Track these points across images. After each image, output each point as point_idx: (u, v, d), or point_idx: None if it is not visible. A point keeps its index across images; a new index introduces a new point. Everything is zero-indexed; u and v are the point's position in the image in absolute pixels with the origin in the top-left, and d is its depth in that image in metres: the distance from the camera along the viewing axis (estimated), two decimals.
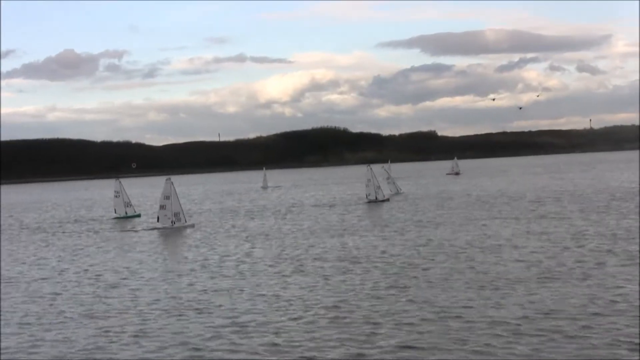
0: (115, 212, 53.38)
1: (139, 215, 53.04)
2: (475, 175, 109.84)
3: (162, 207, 41.34)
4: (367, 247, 28.49)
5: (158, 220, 41.44)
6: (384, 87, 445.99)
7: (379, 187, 57.58)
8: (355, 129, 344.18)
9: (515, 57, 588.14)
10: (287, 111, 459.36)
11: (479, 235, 30.76)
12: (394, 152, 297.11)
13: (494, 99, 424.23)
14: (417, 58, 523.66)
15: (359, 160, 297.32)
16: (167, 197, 40.88)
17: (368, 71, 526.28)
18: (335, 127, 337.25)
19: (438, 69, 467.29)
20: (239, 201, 69.09)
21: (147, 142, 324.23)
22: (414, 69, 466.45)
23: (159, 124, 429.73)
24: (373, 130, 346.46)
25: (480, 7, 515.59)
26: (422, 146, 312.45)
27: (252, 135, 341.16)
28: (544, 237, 29.02)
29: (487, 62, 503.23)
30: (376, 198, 56.51)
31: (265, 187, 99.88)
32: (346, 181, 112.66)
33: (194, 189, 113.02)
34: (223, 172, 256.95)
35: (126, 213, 52.49)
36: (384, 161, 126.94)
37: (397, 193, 66.92)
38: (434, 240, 29.73)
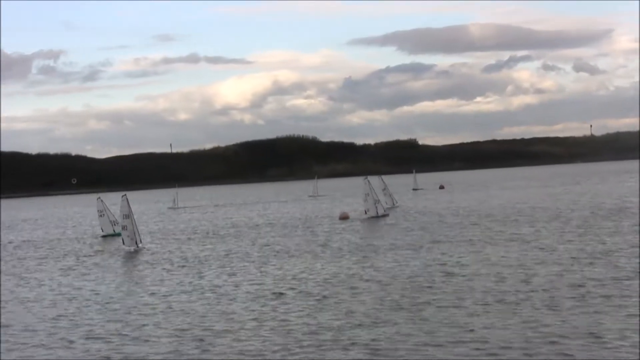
0: (102, 231, 56.77)
1: (119, 235, 55.76)
2: (453, 189, 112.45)
3: (123, 227, 43.40)
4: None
5: (123, 243, 43.50)
6: (356, 90, 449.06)
7: (378, 201, 59.30)
8: (325, 137, 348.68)
9: (505, 56, 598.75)
10: (247, 118, 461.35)
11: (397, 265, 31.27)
12: (369, 164, 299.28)
13: None
14: (393, 57, 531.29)
15: (330, 174, 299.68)
16: (127, 216, 42.61)
17: (338, 72, 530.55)
18: (302, 135, 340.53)
19: (417, 70, 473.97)
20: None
21: (89, 154, 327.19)
22: (389, 70, 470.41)
23: (102, 133, 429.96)
24: (345, 139, 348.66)
25: None
26: (401, 157, 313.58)
27: (208, 145, 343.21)
28: (486, 263, 29.69)
29: (472, 62, 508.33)
30: (377, 213, 58.25)
31: (175, 208, 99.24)
32: (303, 197, 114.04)
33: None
34: (180, 187, 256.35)
35: (114, 231, 55.13)
36: (360, 174, 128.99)
37: (393, 206, 70.69)
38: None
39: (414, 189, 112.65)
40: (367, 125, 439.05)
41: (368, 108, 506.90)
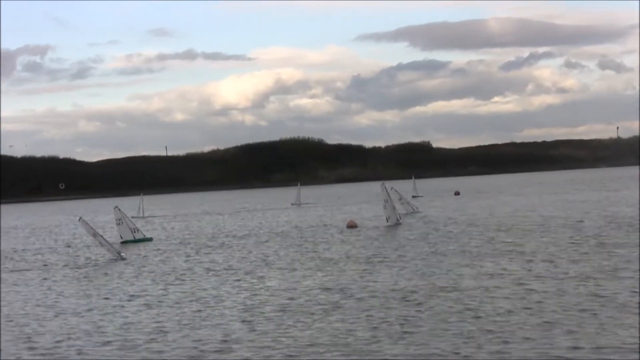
0: (121, 238, 57.49)
1: (150, 239, 57.98)
2: (464, 196, 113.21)
3: (101, 243, 45.85)
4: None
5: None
6: (364, 89, 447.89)
7: (394, 208, 60.95)
8: (332, 140, 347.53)
9: (525, 52, 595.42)
10: (248, 119, 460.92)
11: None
12: (379, 168, 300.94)
13: None
14: (405, 53, 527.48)
15: (337, 178, 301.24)
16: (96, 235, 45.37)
17: (345, 70, 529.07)
18: (307, 137, 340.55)
19: (431, 67, 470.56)
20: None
21: (78, 158, 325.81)
22: (401, 67, 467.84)
23: (92, 135, 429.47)
24: (353, 142, 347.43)
25: None
26: (413, 160, 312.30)
27: (206, 148, 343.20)
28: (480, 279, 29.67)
29: (490, 58, 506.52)
30: (397, 220, 60.11)
31: (139, 217, 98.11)
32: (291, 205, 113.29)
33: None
34: (175, 193, 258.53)
35: (134, 237, 57.14)
36: (369, 179, 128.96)
37: (413, 212, 74.12)
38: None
39: (413, 196, 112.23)
40: (376, 127, 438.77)
41: (378, 108, 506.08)
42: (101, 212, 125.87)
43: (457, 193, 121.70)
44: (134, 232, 57.50)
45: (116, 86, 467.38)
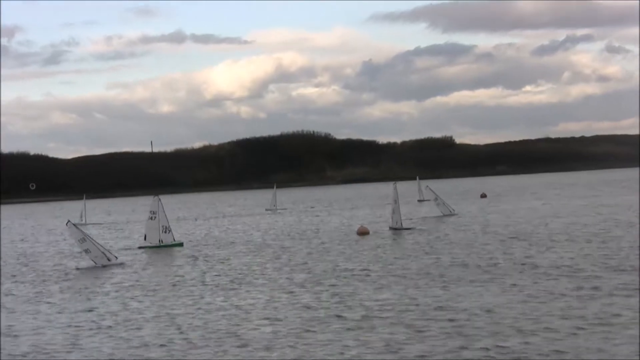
0: (145, 240, 57.55)
1: (181, 244, 57.94)
2: (492, 199, 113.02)
3: (86, 251, 47.55)
4: None
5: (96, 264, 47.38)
6: (378, 76, 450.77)
7: (394, 212, 63.10)
8: (340, 135, 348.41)
9: (561, 35, 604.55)
10: (245, 111, 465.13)
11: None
12: (394, 167, 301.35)
13: None
14: (424, 36, 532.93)
15: (346, 178, 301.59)
16: (83, 240, 47.28)
17: (356, 55, 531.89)
18: (312, 132, 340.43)
19: (453, 52, 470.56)
20: None
21: (51, 154, 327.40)
22: (419, 52, 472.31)
23: (67, 128, 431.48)
24: (365, 137, 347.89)
25: None
26: (433, 158, 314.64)
27: (197, 144, 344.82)
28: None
29: (521, 42, 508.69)
30: (401, 225, 62.61)
31: (81, 224, 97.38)
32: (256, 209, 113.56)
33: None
34: (163, 195, 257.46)
35: (160, 241, 56.48)
36: (382, 180, 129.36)
37: (451, 214, 77.68)
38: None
39: (419, 200, 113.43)
40: (391, 120, 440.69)
41: (393, 99, 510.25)
42: (75, 216, 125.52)
43: (483, 195, 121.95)
44: (164, 231, 56.83)
45: (94, 73, 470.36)
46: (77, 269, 47.09)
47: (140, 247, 57.40)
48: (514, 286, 31.91)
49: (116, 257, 48.47)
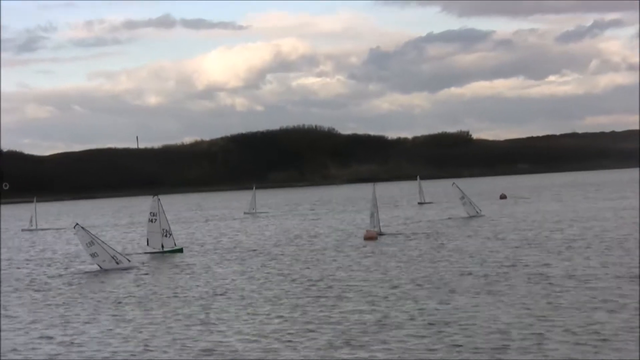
0: (147, 245, 58.10)
1: (180, 250, 58.32)
2: (512, 201, 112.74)
3: (93, 255, 48.41)
4: None
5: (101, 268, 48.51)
6: (386, 65, 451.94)
7: (372, 215, 63.99)
8: (345, 129, 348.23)
9: (588, 20, 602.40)
10: (240, 103, 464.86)
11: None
12: (404, 165, 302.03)
13: None
14: (436, 21, 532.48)
15: (352, 177, 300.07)
16: (91, 243, 48.01)
17: (362, 42, 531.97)
18: (314, 126, 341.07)
19: (469, 38, 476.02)
20: None
21: (26, 151, 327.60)
22: (431, 38, 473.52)
23: (43, 122, 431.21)
24: (372, 132, 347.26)
25: None
26: (448, 156, 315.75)
27: (187, 139, 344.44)
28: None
29: (544, 28, 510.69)
30: (380, 230, 63.57)
31: (31, 229, 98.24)
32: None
33: None
34: (148, 195, 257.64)
35: (162, 247, 57.05)
36: (391, 179, 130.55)
37: (477, 215, 79.20)
38: None
39: (419, 203, 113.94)
40: (401, 113, 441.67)
41: (403, 90, 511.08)
42: (49, 219, 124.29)
43: (503, 196, 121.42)
44: (165, 235, 57.11)
45: (73, 61, 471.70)
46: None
47: (146, 253, 57.89)
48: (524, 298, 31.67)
49: (129, 260, 49.55)
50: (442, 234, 61.72)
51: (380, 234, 62.40)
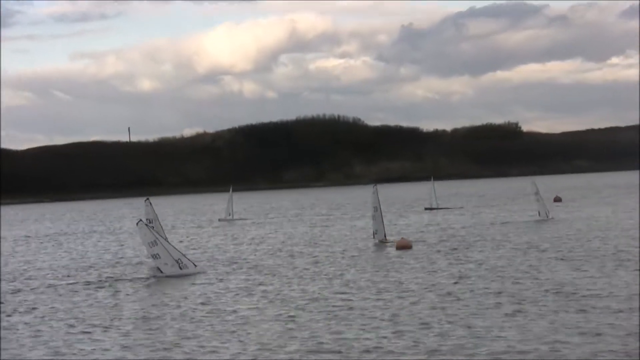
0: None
1: None
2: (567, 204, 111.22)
3: (155, 256, 49.46)
4: None
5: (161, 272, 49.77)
6: (420, 45, 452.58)
7: (374, 220, 65.29)
8: (372, 120, 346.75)
9: None
10: (249, 89, 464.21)
11: None
12: (442, 161, 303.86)
13: None
14: None
15: (380, 176, 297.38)
16: (154, 243, 48.99)
17: (391, 18, 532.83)
18: (336, 117, 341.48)
19: (517, 13, 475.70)
20: None
21: (2, 145, 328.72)
22: (473, 14, 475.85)
23: (20, 111, 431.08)
24: (404, 123, 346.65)
25: None
26: (493, 151, 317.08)
27: (187, 131, 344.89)
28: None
29: (604, 3, 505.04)
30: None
31: None
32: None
33: None
34: (140, 197, 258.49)
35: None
36: (427, 178, 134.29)
37: (546, 219, 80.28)
38: None
39: (426, 208, 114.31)
40: (438, 102, 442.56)
41: (440, 74, 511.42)
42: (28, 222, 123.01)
43: (557, 199, 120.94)
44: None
45: (53, 39, 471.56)
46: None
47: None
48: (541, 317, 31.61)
49: (195, 265, 50.81)
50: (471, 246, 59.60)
51: (382, 241, 63.59)
